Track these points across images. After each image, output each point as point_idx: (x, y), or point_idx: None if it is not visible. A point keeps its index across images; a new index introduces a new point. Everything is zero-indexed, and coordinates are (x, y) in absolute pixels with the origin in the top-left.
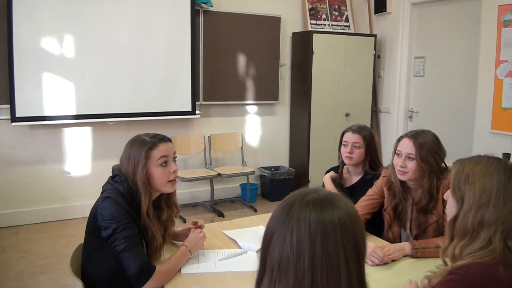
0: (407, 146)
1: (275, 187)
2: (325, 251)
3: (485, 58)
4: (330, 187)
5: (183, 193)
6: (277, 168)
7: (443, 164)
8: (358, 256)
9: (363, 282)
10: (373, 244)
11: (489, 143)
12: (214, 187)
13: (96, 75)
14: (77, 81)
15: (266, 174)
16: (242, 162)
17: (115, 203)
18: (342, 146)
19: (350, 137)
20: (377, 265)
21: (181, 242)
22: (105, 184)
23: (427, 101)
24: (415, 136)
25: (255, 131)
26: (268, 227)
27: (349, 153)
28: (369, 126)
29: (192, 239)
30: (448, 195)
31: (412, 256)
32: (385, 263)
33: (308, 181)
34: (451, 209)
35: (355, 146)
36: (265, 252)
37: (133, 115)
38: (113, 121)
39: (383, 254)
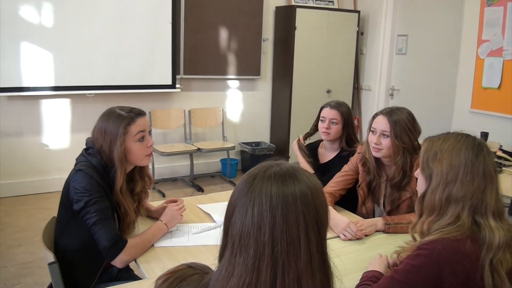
0: (381, 123)
1: (255, 162)
2: (285, 223)
3: (467, 37)
4: (301, 159)
5: (162, 167)
6: (257, 143)
7: (417, 142)
8: (320, 229)
9: (324, 253)
10: (347, 219)
11: (469, 122)
12: (194, 162)
13: (75, 47)
14: (56, 52)
15: (247, 150)
16: (223, 137)
17: (87, 176)
18: (320, 122)
19: (328, 113)
20: (350, 239)
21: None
22: (78, 156)
23: (408, 79)
24: (390, 113)
25: (236, 106)
26: (231, 200)
27: (327, 128)
28: (350, 103)
29: (167, 213)
30: (418, 173)
31: (384, 232)
32: (358, 238)
33: (288, 157)
34: (420, 186)
35: (333, 122)
36: (227, 224)
37: (112, 87)
38: (92, 94)
39: (356, 229)
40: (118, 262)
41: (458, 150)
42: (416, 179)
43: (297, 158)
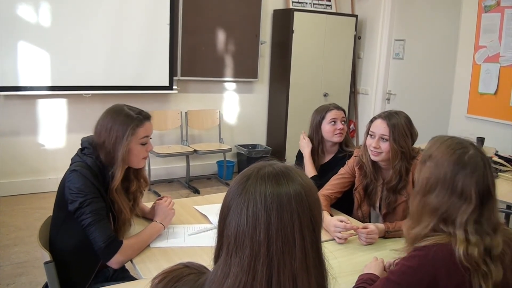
0: (380, 127)
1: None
2: (280, 223)
3: (464, 43)
4: (307, 157)
5: (158, 168)
6: (254, 146)
7: (414, 146)
8: (314, 227)
9: (319, 252)
10: (334, 221)
11: (465, 127)
12: (190, 164)
13: (72, 47)
14: (53, 52)
15: (243, 152)
16: (219, 139)
17: (82, 176)
18: (329, 124)
19: (336, 114)
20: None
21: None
22: (74, 156)
23: (405, 83)
24: (389, 117)
25: (233, 109)
26: (225, 201)
27: (341, 129)
28: (347, 107)
29: (159, 212)
30: None
31: (383, 237)
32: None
33: (285, 160)
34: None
35: (343, 122)
36: (222, 226)
37: (109, 88)
38: (88, 94)
39: (343, 225)
40: (114, 262)
41: (442, 162)
42: (413, 182)
43: (304, 156)
